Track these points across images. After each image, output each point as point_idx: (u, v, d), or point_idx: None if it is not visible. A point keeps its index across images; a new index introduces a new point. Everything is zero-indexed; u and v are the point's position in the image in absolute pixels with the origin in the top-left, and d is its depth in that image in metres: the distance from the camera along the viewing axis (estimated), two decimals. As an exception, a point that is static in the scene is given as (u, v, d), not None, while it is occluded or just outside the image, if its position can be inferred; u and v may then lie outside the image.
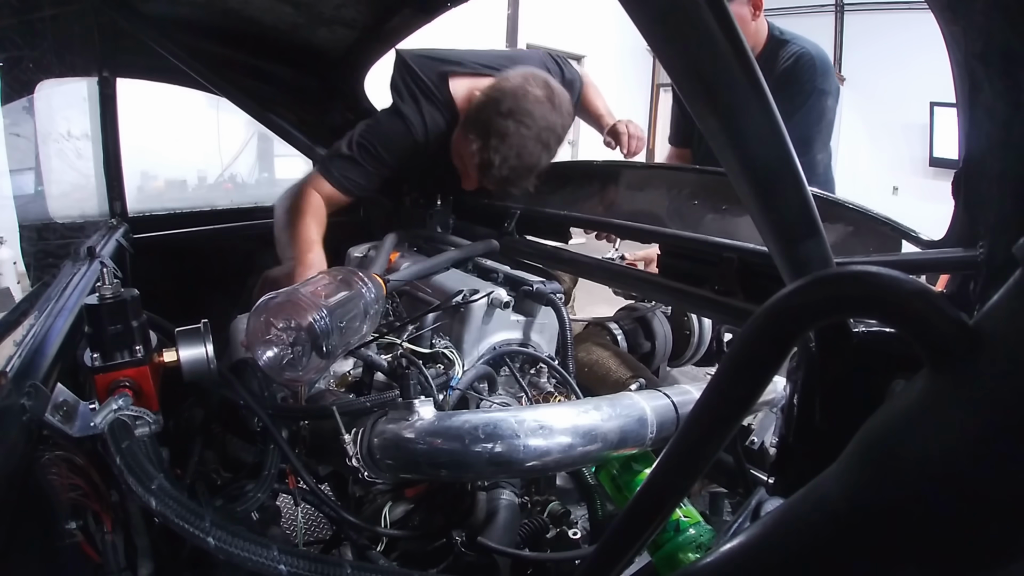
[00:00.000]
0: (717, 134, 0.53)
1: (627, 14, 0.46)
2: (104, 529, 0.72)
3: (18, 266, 1.87)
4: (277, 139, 1.83)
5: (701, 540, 0.90)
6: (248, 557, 0.60)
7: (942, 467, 0.31)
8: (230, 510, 0.87)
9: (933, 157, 6.88)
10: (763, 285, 1.07)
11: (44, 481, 0.67)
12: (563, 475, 1.14)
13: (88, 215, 1.70)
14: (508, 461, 0.87)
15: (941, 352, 0.33)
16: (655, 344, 1.60)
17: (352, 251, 1.59)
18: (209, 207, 2.01)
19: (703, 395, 0.42)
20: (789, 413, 0.80)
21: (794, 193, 0.57)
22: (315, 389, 1.15)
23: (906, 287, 0.33)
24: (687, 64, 0.49)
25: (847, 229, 1.05)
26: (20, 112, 1.58)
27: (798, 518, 0.38)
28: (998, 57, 0.62)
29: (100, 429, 0.70)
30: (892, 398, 0.37)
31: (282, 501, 1.08)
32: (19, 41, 1.39)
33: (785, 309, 0.38)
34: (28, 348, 0.75)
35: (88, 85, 1.59)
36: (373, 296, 1.08)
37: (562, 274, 1.72)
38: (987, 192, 0.71)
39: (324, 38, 1.75)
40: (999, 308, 0.33)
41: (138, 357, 0.78)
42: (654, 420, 0.98)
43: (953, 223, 0.82)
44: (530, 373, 1.26)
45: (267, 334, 0.95)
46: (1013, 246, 0.32)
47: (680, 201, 1.35)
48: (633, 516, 0.47)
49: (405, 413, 0.93)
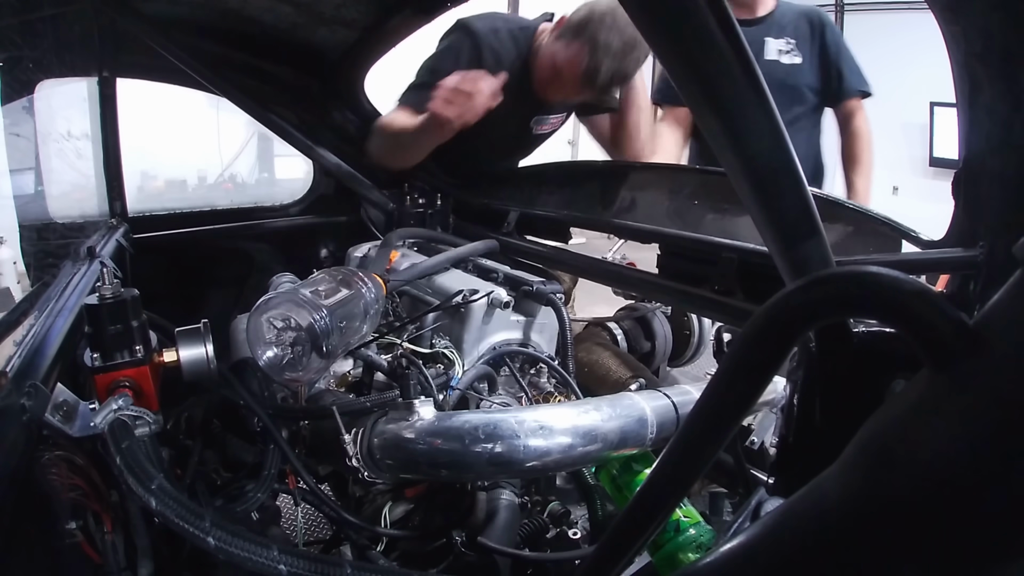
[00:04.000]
0: (717, 134, 0.53)
1: (627, 14, 0.46)
2: (104, 529, 0.72)
3: (18, 266, 1.86)
4: (277, 139, 1.83)
5: (701, 540, 0.90)
6: (248, 557, 0.60)
7: (942, 467, 0.31)
8: (230, 510, 0.87)
9: (933, 157, 6.88)
10: (763, 285, 1.07)
11: (44, 481, 0.67)
12: (563, 475, 1.14)
13: (88, 215, 1.70)
14: (508, 461, 0.87)
15: (941, 352, 0.33)
16: (655, 344, 1.60)
17: (352, 251, 1.59)
18: (209, 207, 2.00)
19: (703, 395, 0.42)
20: (789, 413, 0.80)
21: (794, 193, 0.57)
22: (315, 389, 1.15)
23: (906, 287, 0.33)
24: (687, 64, 0.49)
25: (847, 229, 1.05)
26: (20, 112, 1.57)
27: (798, 518, 0.38)
28: (998, 57, 0.62)
29: (100, 429, 0.70)
30: (892, 398, 0.37)
31: (282, 501, 1.08)
32: (19, 41, 1.39)
33: (785, 309, 0.38)
34: (28, 348, 0.75)
35: (88, 85, 1.59)
36: (373, 296, 1.08)
37: (562, 274, 1.72)
38: (987, 192, 0.71)
39: (324, 38, 1.75)
40: (999, 308, 0.33)
41: (138, 357, 0.78)
42: (654, 420, 0.98)
43: (953, 223, 0.82)
44: (530, 373, 1.25)
45: (267, 334, 0.95)
46: (1013, 246, 0.32)
47: (680, 201, 1.35)
48: (633, 516, 0.47)
49: (405, 413, 0.93)
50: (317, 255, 1.96)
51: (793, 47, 2.04)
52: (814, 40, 2.05)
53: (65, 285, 1.00)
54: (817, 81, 2.06)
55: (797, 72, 2.05)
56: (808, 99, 2.08)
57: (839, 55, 2.05)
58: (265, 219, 1.97)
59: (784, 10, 2.09)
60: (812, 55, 2.05)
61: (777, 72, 2.02)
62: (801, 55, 2.04)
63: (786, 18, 2.07)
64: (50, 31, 1.41)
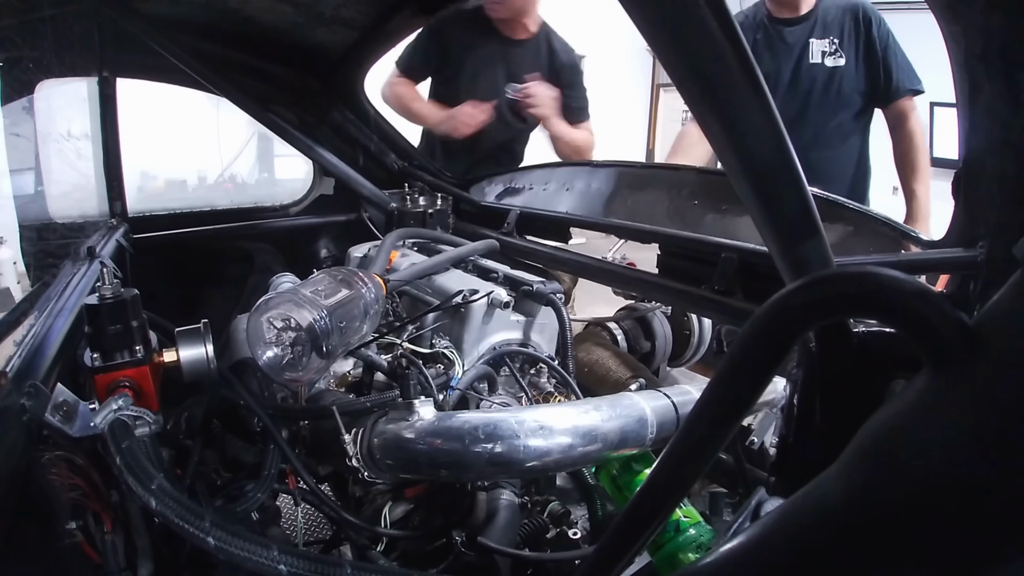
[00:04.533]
0: (717, 134, 0.53)
1: (627, 14, 0.46)
2: (104, 529, 0.72)
3: (18, 266, 1.86)
4: (277, 139, 1.83)
5: (701, 540, 0.90)
6: (248, 557, 0.60)
7: (942, 467, 0.31)
8: (230, 510, 0.87)
9: (933, 157, 6.87)
10: (763, 285, 1.07)
11: (44, 481, 0.67)
12: (563, 475, 1.14)
13: (88, 215, 1.70)
14: (508, 461, 0.87)
15: (941, 352, 0.33)
16: (655, 344, 1.60)
17: (352, 251, 1.59)
18: (209, 207, 2.00)
19: (703, 395, 0.42)
20: (789, 413, 0.80)
21: (794, 193, 0.57)
22: (315, 389, 1.15)
23: (906, 287, 0.33)
24: (687, 64, 0.49)
25: (847, 229, 1.05)
26: (20, 112, 1.57)
27: (798, 518, 0.38)
28: (998, 57, 0.62)
29: (100, 429, 0.70)
30: (892, 398, 0.37)
31: (282, 501, 1.08)
32: (19, 41, 1.39)
33: (785, 309, 0.38)
34: (28, 348, 0.75)
35: (88, 85, 1.59)
36: (373, 296, 1.08)
37: (562, 274, 1.72)
38: (987, 192, 0.71)
39: (324, 38, 1.75)
40: (999, 308, 0.33)
41: (138, 357, 0.78)
42: (654, 420, 0.98)
43: (953, 223, 0.82)
44: (530, 373, 1.25)
45: (267, 334, 0.95)
46: (1013, 246, 0.32)
47: (680, 201, 1.36)
48: (633, 516, 0.47)
49: (405, 413, 0.93)
50: (317, 255, 1.96)
51: (837, 47, 1.94)
52: (859, 37, 1.93)
53: (65, 285, 1.00)
54: (864, 83, 1.95)
55: (841, 75, 1.94)
56: (854, 103, 1.98)
57: (887, 52, 1.92)
58: (265, 219, 1.97)
59: (827, 5, 1.97)
60: (858, 54, 1.94)
61: (821, 76, 1.94)
62: (845, 56, 1.94)
63: (830, 15, 1.96)
64: (50, 31, 1.40)
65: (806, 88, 1.99)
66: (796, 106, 1.98)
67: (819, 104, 1.99)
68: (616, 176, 1.58)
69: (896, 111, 1.95)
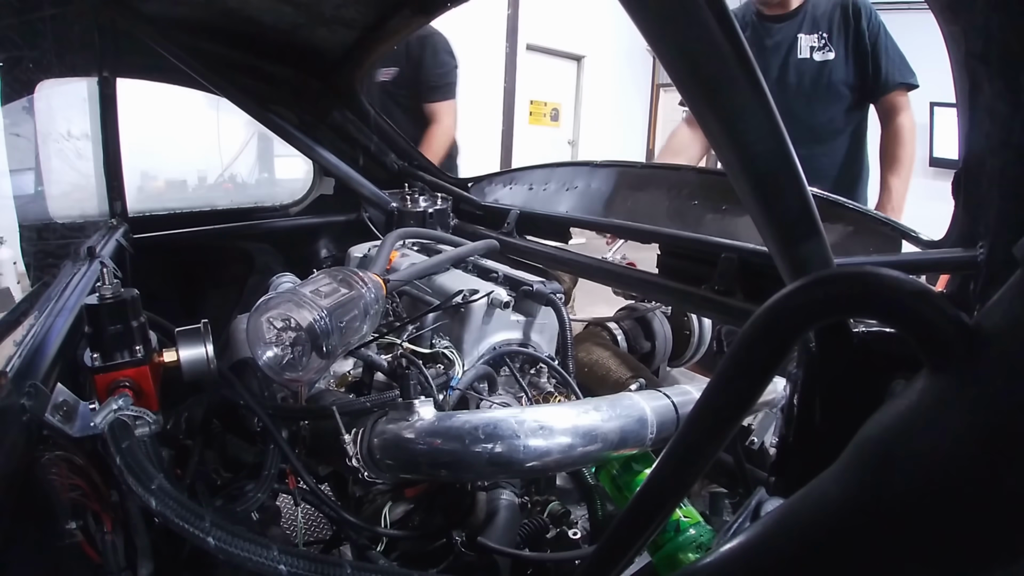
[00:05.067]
0: (717, 134, 0.53)
1: (627, 14, 0.46)
2: (104, 529, 0.72)
3: (18, 266, 1.86)
4: (277, 139, 1.83)
5: (701, 540, 0.90)
6: (248, 557, 0.60)
7: (942, 467, 0.31)
8: (230, 510, 0.87)
9: (933, 157, 6.87)
10: (763, 285, 1.07)
11: (44, 481, 0.67)
12: (563, 475, 1.14)
13: (88, 215, 1.70)
14: (508, 461, 0.87)
15: (941, 352, 0.33)
16: (655, 344, 1.60)
17: (352, 251, 1.59)
18: (209, 207, 2.00)
19: (703, 395, 0.42)
20: (789, 413, 0.80)
21: (794, 193, 0.56)
22: (315, 389, 1.15)
23: (906, 287, 0.33)
24: (687, 64, 0.49)
25: (847, 229, 1.05)
26: (20, 112, 1.57)
27: (798, 518, 0.38)
28: (998, 57, 0.62)
29: (100, 429, 0.69)
30: (892, 398, 0.37)
31: (282, 501, 1.08)
32: (19, 41, 1.39)
33: (785, 309, 0.37)
34: (28, 348, 0.75)
35: (88, 85, 1.59)
36: (373, 296, 1.08)
37: (562, 274, 1.72)
38: (987, 192, 0.71)
39: (324, 38, 1.75)
40: (999, 308, 0.33)
41: (138, 357, 0.78)
42: (654, 420, 0.98)
43: (953, 223, 0.82)
44: (530, 373, 1.25)
45: (267, 334, 0.95)
46: (1013, 246, 0.32)
47: (680, 201, 1.36)
48: (633, 516, 0.47)
49: (405, 413, 0.93)
50: (317, 255, 1.97)
51: (826, 41, 1.92)
52: (848, 30, 1.92)
53: (65, 285, 1.00)
54: (853, 76, 1.93)
55: (831, 69, 1.92)
56: (844, 97, 1.95)
57: (876, 44, 1.90)
58: (265, 219, 1.97)
59: (817, 1, 1.97)
60: (847, 48, 1.92)
61: (810, 71, 1.93)
62: (835, 50, 1.92)
63: (819, 9, 1.95)
64: (50, 31, 1.40)
65: (794, 83, 1.98)
66: (783, 101, 1.96)
67: (808, 99, 1.97)
68: (616, 176, 1.59)
69: (887, 105, 1.94)
